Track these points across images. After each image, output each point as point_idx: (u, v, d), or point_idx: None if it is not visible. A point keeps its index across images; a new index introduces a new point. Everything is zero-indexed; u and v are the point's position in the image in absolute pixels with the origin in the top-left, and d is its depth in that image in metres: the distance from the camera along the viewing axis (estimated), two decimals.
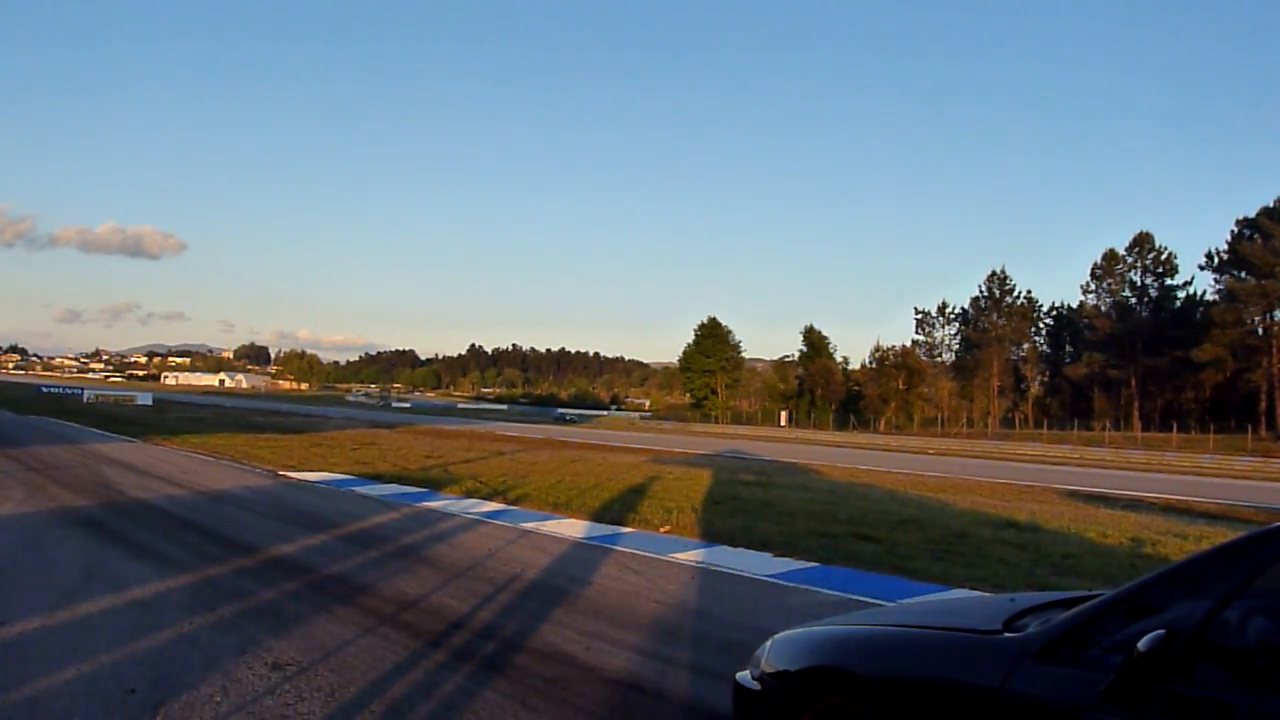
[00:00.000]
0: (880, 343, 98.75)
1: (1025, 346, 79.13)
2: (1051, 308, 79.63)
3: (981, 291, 78.36)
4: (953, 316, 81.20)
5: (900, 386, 78.35)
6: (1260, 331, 61.21)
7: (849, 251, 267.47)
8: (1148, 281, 69.68)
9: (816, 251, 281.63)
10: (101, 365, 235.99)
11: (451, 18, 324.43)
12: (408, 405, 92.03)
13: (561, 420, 67.99)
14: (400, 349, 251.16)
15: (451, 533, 8.90)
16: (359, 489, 12.61)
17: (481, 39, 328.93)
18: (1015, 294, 77.62)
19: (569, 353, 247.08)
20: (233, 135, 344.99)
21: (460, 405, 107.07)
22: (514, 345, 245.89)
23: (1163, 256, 68.64)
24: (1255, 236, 60.44)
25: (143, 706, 3.65)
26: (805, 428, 74.13)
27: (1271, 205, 60.06)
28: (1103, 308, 71.30)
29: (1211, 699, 1.91)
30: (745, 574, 7.14)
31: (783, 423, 79.83)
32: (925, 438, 60.21)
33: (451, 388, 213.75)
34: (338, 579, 6.40)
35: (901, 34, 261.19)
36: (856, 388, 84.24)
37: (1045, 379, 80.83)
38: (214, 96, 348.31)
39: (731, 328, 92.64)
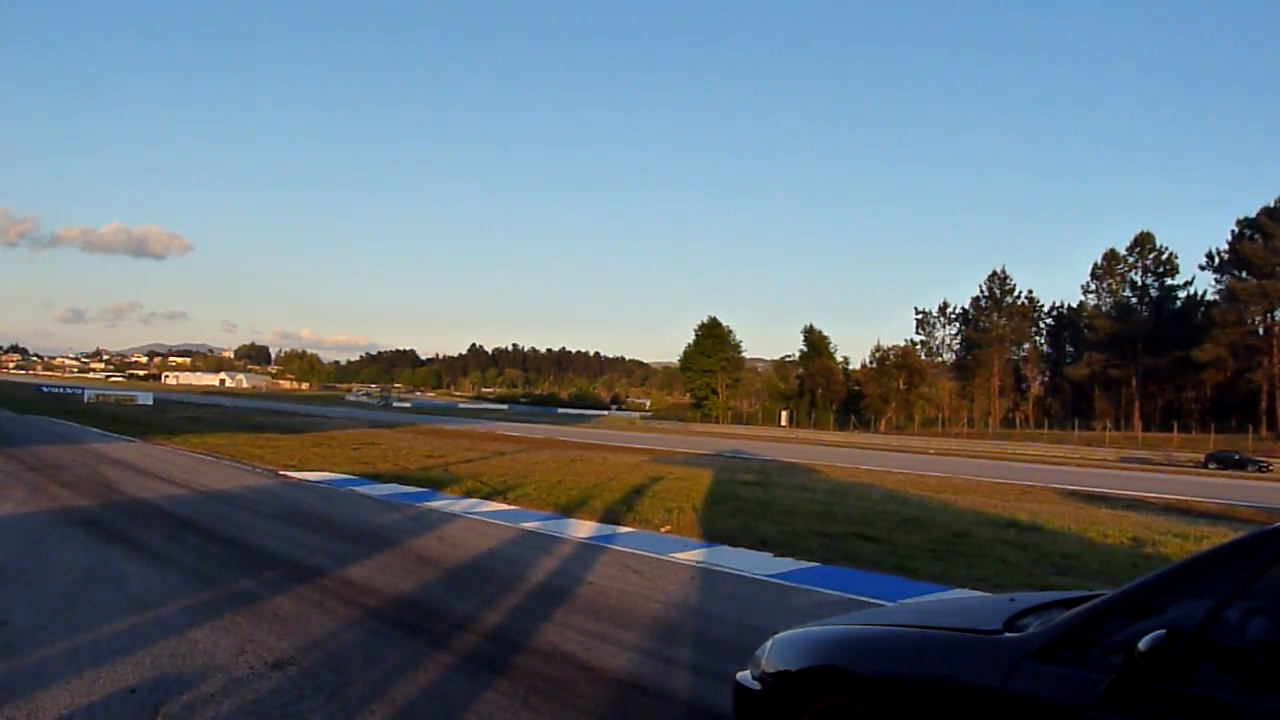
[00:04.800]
0: (880, 343, 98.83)
1: (1026, 346, 79.16)
2: (1052, 308, 79.72)
3: (982, 291, 78.42)
4: (953, 316, 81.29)
5: (901, 386, 78.37)
6: (1261, 331, 61.26)
7: (849, 251, 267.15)
8: (1148, 281, 69.71)
9: (816, 251, 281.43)
10: (102, 365, 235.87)
11: (453, 19, 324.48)
12: (408, 405, 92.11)
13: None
14: (401, 349, 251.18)
15: (452, 533, 8.90)
16: (359, 489, 12.61)
17: (483, 40, 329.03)
18: (1015, 294, 77.68)
19: (569, 353, 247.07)
20: (238, 136, 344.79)
21: (461, 405, 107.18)
22: (514, 345, 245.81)
23: (1163, 256, 68.67)
24: (1255, 236, 60.46)
25: (143, 706, 3.65)
26: (806, 428, 74.10)
27: (1272, 205, 60.12)
28: (1103, 308, 71.31)
29: (1211, 699, 1.91)
30: (746, 574, 7.14)
31: (783, 423, 79.81)
32: (926, 438, 60.25)
33: (452, 387, 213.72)
34: (338, 578, 6.40)
35: (901, 34, 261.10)
36: (857, 388, 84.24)
37: (1046, 379, 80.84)
38: (219, 97, 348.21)
39: (731, 328, 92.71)
